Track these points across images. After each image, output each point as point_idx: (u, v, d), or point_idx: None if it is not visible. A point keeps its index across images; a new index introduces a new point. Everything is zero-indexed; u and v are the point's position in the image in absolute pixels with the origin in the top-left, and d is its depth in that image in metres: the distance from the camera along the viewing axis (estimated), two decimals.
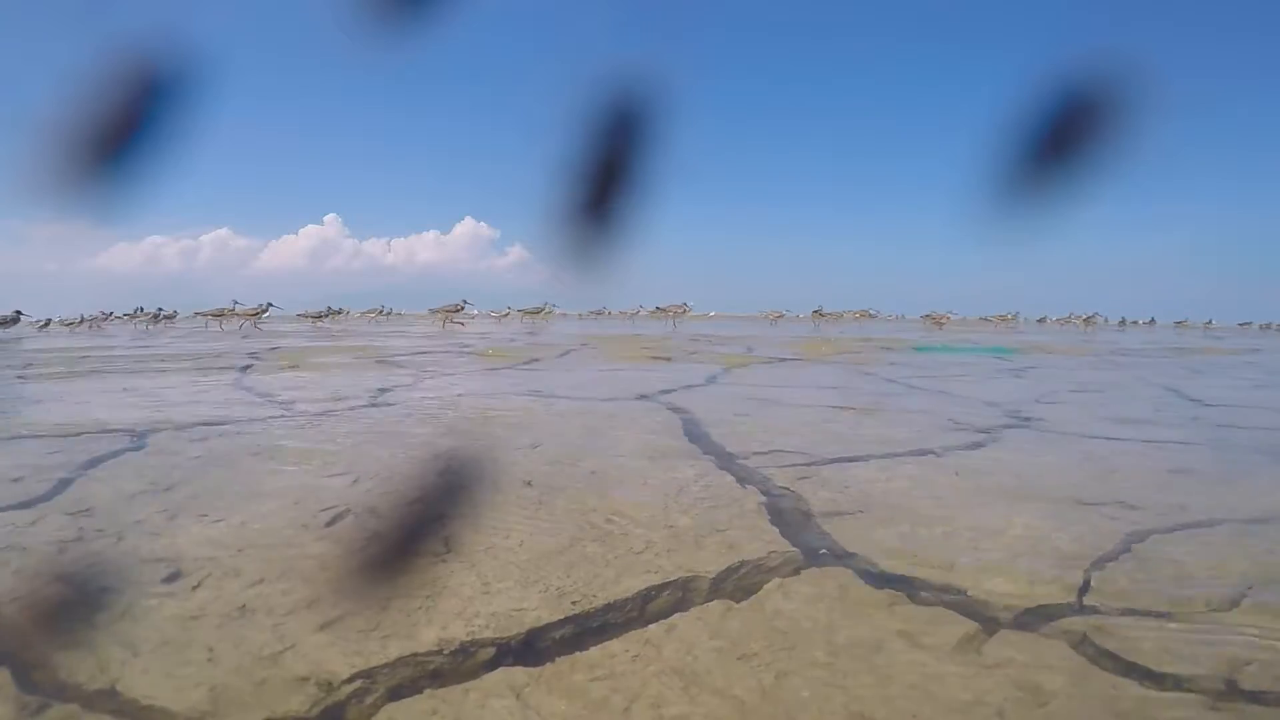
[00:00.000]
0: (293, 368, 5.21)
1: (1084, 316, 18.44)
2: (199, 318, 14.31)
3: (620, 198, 0.42)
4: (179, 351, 6.88)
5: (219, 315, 13.73)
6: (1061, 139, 0.41)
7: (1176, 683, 0.97)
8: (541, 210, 0.42)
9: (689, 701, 0.93)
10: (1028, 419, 3.04)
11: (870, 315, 19.54)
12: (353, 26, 0.37)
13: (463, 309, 15.40)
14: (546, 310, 15.99)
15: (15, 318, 11.89)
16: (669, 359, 6.15)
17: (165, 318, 14.88)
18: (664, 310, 17.37)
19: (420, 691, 0.96)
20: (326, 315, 15.05)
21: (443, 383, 4.21)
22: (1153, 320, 22.42)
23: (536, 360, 5.91)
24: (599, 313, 20.69)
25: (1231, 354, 8.32)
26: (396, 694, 0.95)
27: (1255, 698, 0.95)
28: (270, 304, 14.12)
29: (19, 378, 4.54)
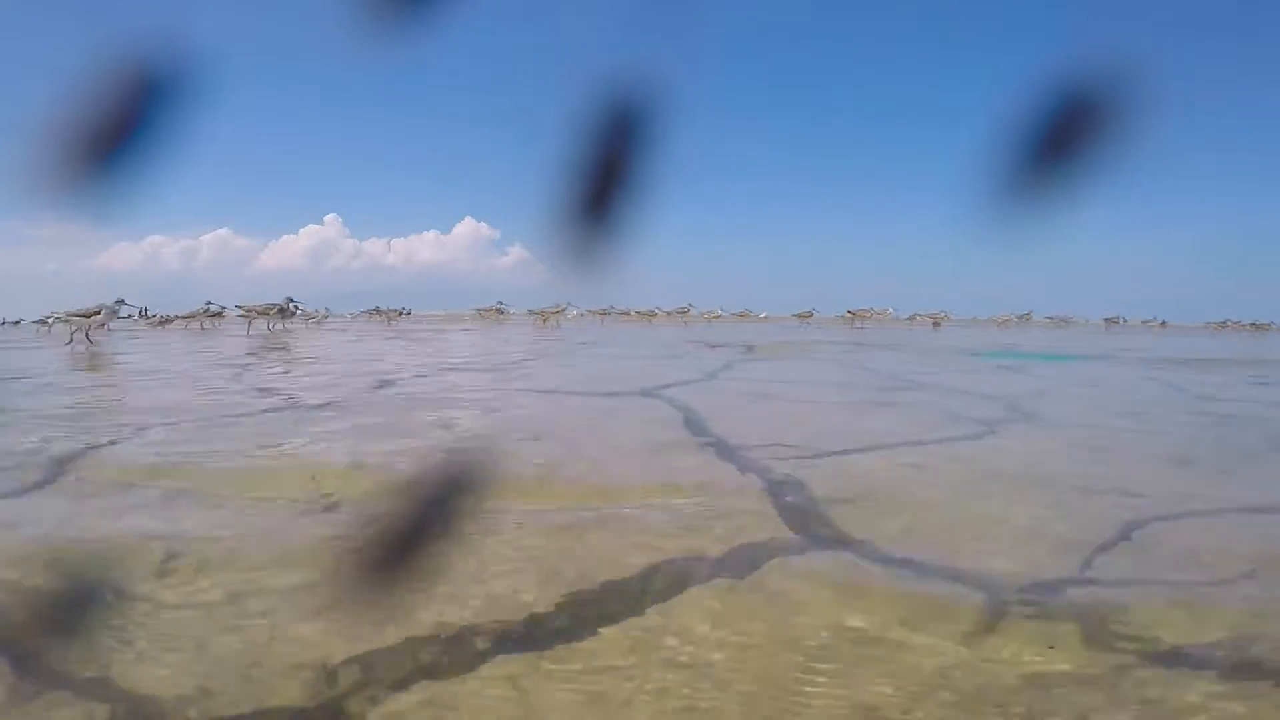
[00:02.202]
0: None
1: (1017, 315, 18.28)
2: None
3: (622, 197, 0.42)
4: None
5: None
6: (1064, 140, 0.41)
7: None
8: (542, 210, 0.42)
9: (690, 690, 0.94)
10: None
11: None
12: (353, 26, 0.37)
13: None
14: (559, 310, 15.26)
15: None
16: None
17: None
18: (860, 314, 16.65)
19: (417, 680, 0.96)
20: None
21: None
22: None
23: None
24: (722, 316, 17.81)
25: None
26: (393, 682, 0.95)
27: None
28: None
29: None
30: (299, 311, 12.78)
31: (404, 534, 0.68)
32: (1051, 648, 1.03)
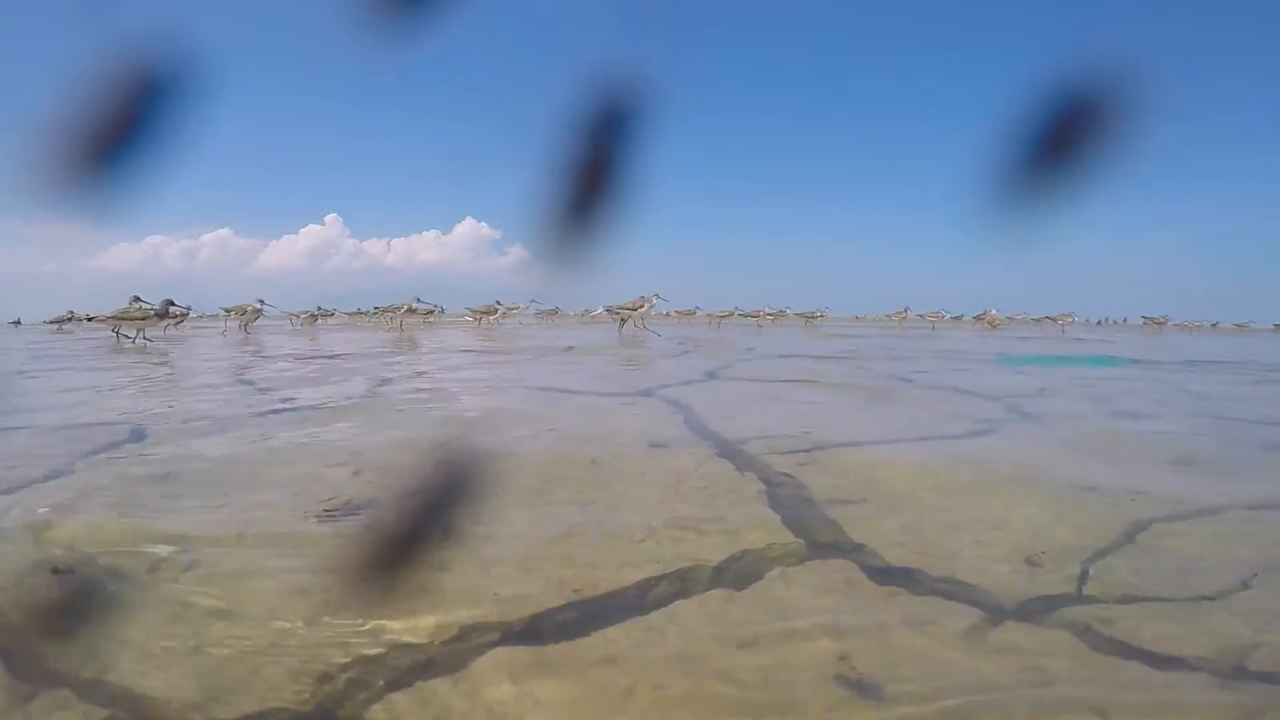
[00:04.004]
0: None
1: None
2: None
3: (621, 195, 0.42)
4: None
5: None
6: (1063, 140, 0.41)
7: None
8: (542, 210, 0.42)
9: (690, 689, 0.93)
10: None
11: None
12: (354, 26, 0.37)
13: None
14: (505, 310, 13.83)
15: None
16: None
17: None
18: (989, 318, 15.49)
19: (418, 679, 0.96)
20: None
21: None
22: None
23: None
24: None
25: None
26: (394, 682, 0.95)
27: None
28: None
29: None
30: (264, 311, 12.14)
31: None
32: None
